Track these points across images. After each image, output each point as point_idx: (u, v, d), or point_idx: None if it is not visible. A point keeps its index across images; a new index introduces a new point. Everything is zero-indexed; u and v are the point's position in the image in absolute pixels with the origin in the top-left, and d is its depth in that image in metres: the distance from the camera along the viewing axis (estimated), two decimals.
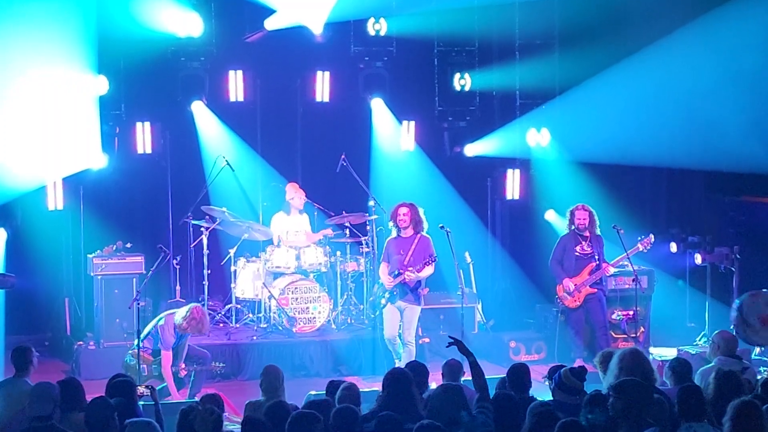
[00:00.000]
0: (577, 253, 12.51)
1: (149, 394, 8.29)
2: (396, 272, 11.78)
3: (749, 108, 13.23)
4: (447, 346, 7.97)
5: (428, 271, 11.87)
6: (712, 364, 8.73)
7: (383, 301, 11.93)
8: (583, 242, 12.52)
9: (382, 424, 6.79)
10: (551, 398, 7.47)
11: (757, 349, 12.42)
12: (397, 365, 11.64)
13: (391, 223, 12.03)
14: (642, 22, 14.25)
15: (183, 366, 10.92)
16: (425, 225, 11.96)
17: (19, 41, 12.34)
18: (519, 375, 7.91)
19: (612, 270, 12.58)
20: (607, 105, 14.28)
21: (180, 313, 10.80)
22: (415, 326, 12.05)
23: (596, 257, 12.47)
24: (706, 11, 13.62)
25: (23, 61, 12.38)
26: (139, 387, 8.14)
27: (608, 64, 14.15)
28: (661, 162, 14.92)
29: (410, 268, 11.70)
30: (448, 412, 6.99)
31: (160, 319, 11.01)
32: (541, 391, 8.22)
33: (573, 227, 12.57)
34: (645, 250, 12.60)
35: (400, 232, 11.91)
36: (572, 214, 12.59)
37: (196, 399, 8.64)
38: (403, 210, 11.87)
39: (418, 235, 11.88)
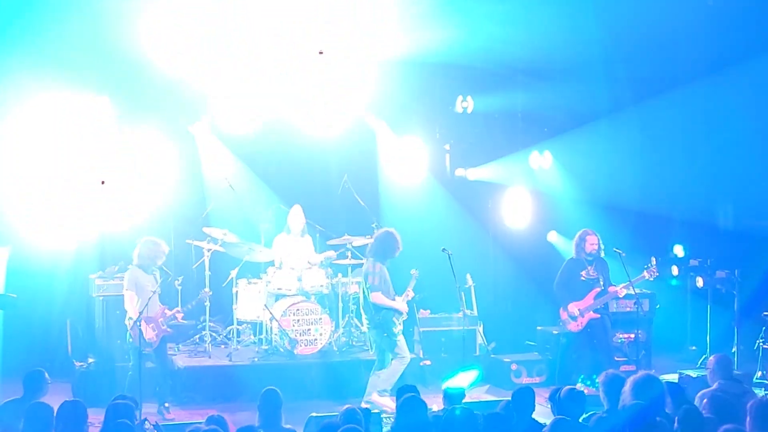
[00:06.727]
0: (582, 278, 12.42)
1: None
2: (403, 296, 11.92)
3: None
4: None
5: None
6: (713, 387, 8.71)
7: (400, 327, 11.93)
8: (589, 267, 12.43)
9: None
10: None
11: (759, 373, 12.43)
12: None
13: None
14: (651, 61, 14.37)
15: (178, 309, 11.81)
16: None
17: (30, 69, 12.49)
18: (523, 398, 7.90)
19: (624, 292, 12.42)
20: (612, 136, 14.33)
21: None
22: None
23: (601, 281, 12.40)
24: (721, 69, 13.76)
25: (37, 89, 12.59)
26: (146, 422, 8.18)
27: (612, 94, 14.18)
28: (665, 209, 14.95)
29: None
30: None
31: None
32: (544, 416, 8.21)
33: (583, 253, 12.45)
34: (651, 278, 12.47)
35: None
36: (582, 240, 12.43)
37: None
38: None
39: None
